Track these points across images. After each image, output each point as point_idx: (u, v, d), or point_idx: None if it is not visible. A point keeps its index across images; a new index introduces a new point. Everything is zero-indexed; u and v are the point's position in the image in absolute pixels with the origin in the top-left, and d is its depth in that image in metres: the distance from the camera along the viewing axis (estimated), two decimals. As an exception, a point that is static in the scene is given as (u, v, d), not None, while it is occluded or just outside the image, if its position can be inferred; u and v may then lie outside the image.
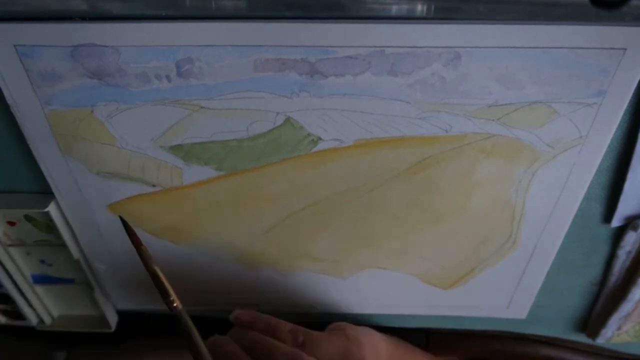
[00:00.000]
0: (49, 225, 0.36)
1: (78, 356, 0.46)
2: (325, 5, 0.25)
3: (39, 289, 0.41)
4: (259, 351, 0.31)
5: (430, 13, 0.26)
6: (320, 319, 0.44)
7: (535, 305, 0.41)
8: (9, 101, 0.29)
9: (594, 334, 0.43)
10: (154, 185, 0.33)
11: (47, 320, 0.43)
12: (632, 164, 0.31)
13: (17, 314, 0.42)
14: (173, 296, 0.29)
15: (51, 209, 0.34)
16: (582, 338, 0.45)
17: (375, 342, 0.37)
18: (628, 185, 0.32)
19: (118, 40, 0.27)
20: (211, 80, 0.28)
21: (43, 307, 0.42)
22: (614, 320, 0.40)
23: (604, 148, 0.31)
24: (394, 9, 0.26)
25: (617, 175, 0.33)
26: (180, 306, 0.29)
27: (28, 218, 0.36)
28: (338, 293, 0.41)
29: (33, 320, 0.42)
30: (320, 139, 0.31)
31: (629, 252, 0.37)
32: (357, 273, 0.39)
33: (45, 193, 0.34)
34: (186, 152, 0.31)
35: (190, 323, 0.29)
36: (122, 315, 0.44)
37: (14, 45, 0.27)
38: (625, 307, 0.39)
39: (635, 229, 0.35)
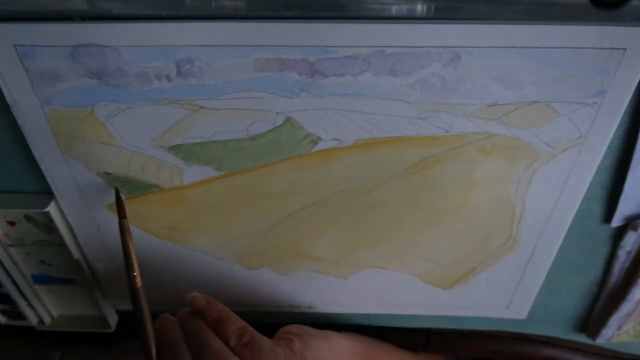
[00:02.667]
0: (49, 225, 0.36)
1: (78, 356, 0.46)
2: (325, 5, 0.25)
3: (39, 289, 0.41)
4: (195, 343, 0.31)
5: (430, 13, 0.26)
6: (321, 319, 0.44)
7: (535, 305, 0.41)
8: (9, 101, 0.29)
9: (594, 334, 0.43)
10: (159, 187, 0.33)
11: (47, 320, 0.43)
12: (632, 164, 0.31)
13: (17, 314, 0.42)
14: (137, 272, 0.32)
15: (51, 209, 0.34)
16: (582, 338, 0.45)
17: (330, 351, 0.36)
18: (628, 185, 0.32)
19: (118, 40, 0.27)
20: (211, 80, 0.28)
21: (43, 307, 0.42)
22: (614, 320, 0.40)
23: (604, 148, 0.31)
24: (394, 9, 0.26)
25: (617, 175, 0.33)
26: (140, 284, 0.32)
27: (28, 218, 0.36)
28: (338, 293, 0.41)
29: (33, 320, 0.42)
30: (320, 139, 0.31)
31: (629, 252, 0.37)
32: (357, 273, 0.39)
33: (45, 193, 0.34)
34: (186, 152, 0.31)
35: (144, 301, 0.33)
36: (122, 315, 0.44)
37: (14, 45, 0.27)
38: (625, 307, 0.39)
39: (635, 229, 0.35)
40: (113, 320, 0.43)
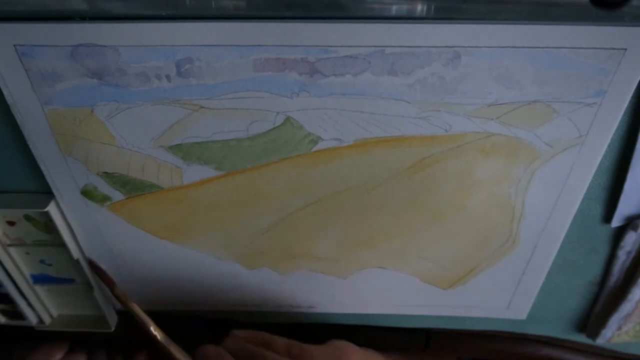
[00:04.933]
0: (49, 225, 0.36)
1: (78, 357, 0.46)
2: (325, 5, 0.25)
3: (38, 288, 0.41)
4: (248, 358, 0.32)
5: (430, 13, 0.26)
6: (320, 319, 0.44)
7: (535, 305, 0.41)
8: (9, 101, 0.29)
9: (594, 334, 0.43)
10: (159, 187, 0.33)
11: (47, 320, 0.43)
12: (632, 164, 0.31)
13: (16, 313, 0.42)
14: (153, 326, 0.33)
15: (51, 209, 0.34)
16: (582, 338, 0.45)
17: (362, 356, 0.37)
18: (628, 185, 0.32)
19: (118, 40, 0.27)
20: (211, 80, 0.28)
21: (43, 307, 0.42)
22: (614, 320, 0.40)
23: (604, 148, 0.31)
24: (394, 9, 0.26)
25: (617, 175, 0.33)
26: (160, 335, 0.32)
27: (28, 218, 0.36)
28: (338, 293, 0.41)
29: (32, 320, 0.42)
30: (320, 138, 0.31)
31: (629, 252, 0.37)
32: (357, 273, 0.39)
33: (45, 193, 0.34)
34: (186, 152, 0.31)
35: (174, 348, 0.33)
36: (122, 315, 0.44)
37: (14, 45, 0.27)
38: (625, 307, 0.39)
39: (635, 229, 0.35)
40: (113, 320, 0.43)
